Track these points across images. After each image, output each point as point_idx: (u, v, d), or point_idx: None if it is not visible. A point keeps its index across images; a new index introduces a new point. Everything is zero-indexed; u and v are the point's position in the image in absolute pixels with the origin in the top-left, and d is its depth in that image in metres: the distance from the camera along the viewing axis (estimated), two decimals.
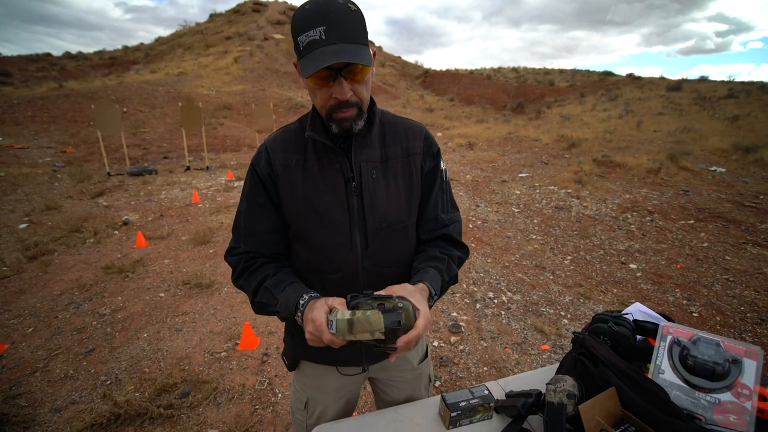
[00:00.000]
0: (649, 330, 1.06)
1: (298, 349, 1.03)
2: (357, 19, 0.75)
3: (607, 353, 0.99)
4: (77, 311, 3.08)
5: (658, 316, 1.16)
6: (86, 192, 6.55)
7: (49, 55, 28.96)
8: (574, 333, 1.16)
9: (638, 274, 3.80)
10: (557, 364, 1.27)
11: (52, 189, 6.78)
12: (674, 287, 3.54)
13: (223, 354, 2.60)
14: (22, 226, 4.94)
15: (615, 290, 3.52)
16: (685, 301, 3.29)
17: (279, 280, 0.89)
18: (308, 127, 0.89)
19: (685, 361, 0.89)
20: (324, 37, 0.72)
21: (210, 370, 2.43)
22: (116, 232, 4.83)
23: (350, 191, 0.89)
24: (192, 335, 2.80)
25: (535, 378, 1.21)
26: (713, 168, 7.66)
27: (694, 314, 3.11)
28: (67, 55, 29.02)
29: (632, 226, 5.01)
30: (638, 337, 1.08)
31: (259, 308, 0.91)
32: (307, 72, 0.73)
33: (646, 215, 5.34)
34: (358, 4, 0.78)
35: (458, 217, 1.05)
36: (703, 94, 14.91)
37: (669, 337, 0.95)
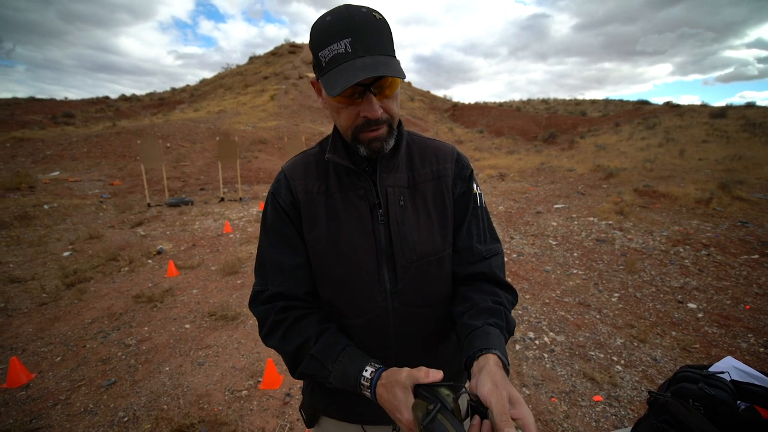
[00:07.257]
0: (755, 395, 0.85)
1: (318, 404, 0.89)
2: (383, 29, 0.68)
3: (704, 425, 0.78)
4: (105, 341, 3.07)
5: (761, 375, 0.92)
6: (127, 222, 6.85)
7: (107, 97, 31.85)
8: (650, 392, 0.95)
9: (699, 315, 3.39)
10: (625, 429, 1.05)
11: (97, 219, 7.14)
12: (745, 331, 3.11)
13: (244, 392, 2.46)
14: (66, 254, 5.15)
15: (674, 333, 3.13)
16: (762, 349, 2.86)
17: (328, 345, 0.75)
18: (328, 149, 0.80)
19: None
20: (351, 50, 0.63)
21: (229, 411, 2.29)
22: (150, 261, 4.93)
23: (376, 219, 0.78)
24: (214, 370, 2.69)
25: None
26: None
27: None
28: (122, 98, 31.79)
29: (686, 261, 4.56)
30: (739, 403, 0.86)
31: (302, 377, 0.79)
32: (334, 90, 0.63)
33: (700, 249, 4.87)
34: (382, 13, 0.69)
35: (498, 249, 0.89)
36: (752, 120, 14.06)
37: None
